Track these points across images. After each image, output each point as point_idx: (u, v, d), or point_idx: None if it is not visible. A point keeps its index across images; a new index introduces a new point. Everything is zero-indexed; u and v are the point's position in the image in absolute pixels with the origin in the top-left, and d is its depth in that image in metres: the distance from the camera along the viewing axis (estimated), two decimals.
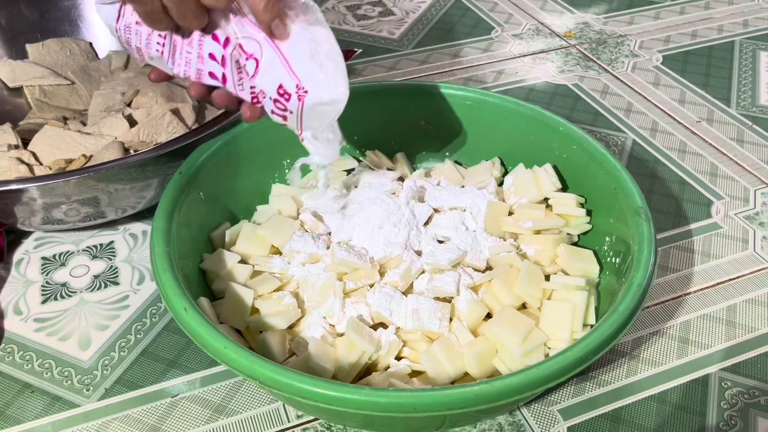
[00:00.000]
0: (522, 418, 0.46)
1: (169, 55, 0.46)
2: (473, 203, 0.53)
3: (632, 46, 0.89)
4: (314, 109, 0.42)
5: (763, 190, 0.65)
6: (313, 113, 0.43)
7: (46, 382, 0.48)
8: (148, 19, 0.41)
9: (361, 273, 0.48)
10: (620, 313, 0.40)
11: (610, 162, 0.51)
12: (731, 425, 0.46)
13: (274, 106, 0.43)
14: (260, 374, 0.36)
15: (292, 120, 0.44)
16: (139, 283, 0.56)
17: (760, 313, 0.53)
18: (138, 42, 0.46)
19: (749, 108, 0.77)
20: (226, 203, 0.55)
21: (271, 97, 0.43)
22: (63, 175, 0.49)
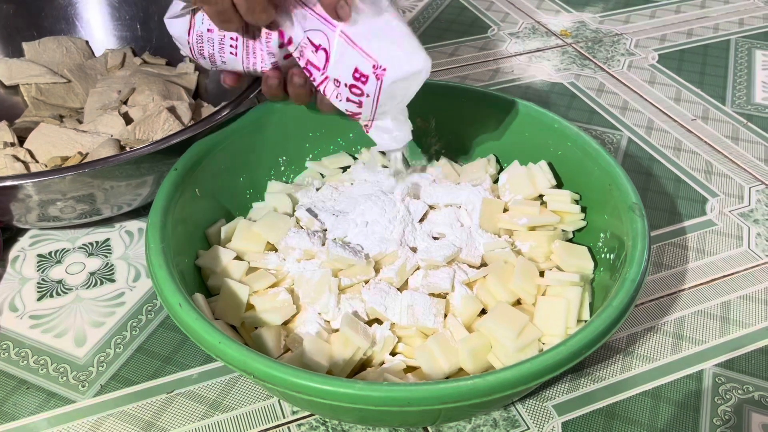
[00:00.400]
0: (516, 414, 0.46)
1: (243, 55, 0.48)
2: (468, 200, 0.53)
3: (628, 45, 0.89)
4: (393, 87, 0.43)
5: (757, 188, 0.65)
6: (391, 92, 0.43)
7: (42, 378, 0.48)
8: (218, 19, 0.43)
9: (356, 269, 0.49)
10: (614, 308, 0.40)
11: (605, 158, 0.51)
12: (725, 420, 0.46)
13: (349, 92, 0.44)
14: (255, 369, 0.37)
15: (367, 105, 0.44)
16: (135, 280, 0.56)
17: (754, 309, 0.53)
18: (211, 48, 0.49)
19: (744, 106, 0.77)
20: (222, 200, 0.55)
21: (346, 84, 0.44)
22: (58, 172, 0.49)
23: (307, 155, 0.61)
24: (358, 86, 0.43)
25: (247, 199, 0.57)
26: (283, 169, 0.59)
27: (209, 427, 0.45)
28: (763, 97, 0.79)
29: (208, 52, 0.49)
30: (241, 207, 0.57)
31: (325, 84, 0.46)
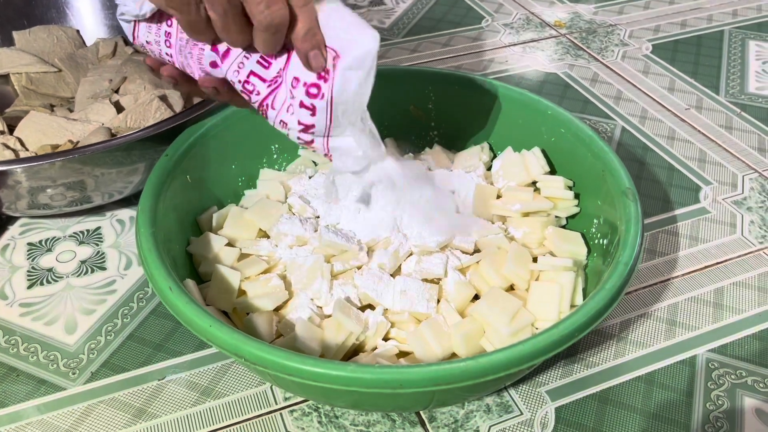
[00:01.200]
0: (510, 399, 0.46)
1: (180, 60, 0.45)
2: (462, 186, 0.53)
3: (622, 36, 0.89)
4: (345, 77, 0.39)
5: (751, 176, 0.65)
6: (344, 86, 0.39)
7: (32, 365, 0.48)
8: (190, 30, 0.40)
9: (348, 255, 0.48)
10: (607, 291, 0.40)
11: (598, 144, 0.51)
12: (718, 405, 0.46)
13: (306, 94, 0.40)
14: (246, 352, 0.36)
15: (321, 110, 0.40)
16: (126, 268, 0.55)
17: (747, 295, 0.53)
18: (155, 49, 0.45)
19: (738, 96, 0.77)
20: (214, 187, 0.54)
21: (305, 83, 0.40)
22: (48, 157, 0.48)
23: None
24: (318, 84, 0.39)
25: (239, 186, 0.57)
26: (275, 157, 0.59)
27: (201, 414, 0.45)
28: (757, 87, 0.79)
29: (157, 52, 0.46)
30: (233, 194, 0.56)
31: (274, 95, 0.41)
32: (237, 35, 0.39)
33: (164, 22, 0.44)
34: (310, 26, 0.38)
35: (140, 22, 0.44)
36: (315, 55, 0.38)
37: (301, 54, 0.39)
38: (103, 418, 0.45)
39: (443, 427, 0.44)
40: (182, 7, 0.38)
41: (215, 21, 0.38)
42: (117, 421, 0.45)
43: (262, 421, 0.45)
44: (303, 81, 0.40)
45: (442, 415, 0.45)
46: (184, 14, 0.38)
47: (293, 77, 0.40)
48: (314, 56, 0.39)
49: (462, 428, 0.44)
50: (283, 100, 0.41)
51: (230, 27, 0.38)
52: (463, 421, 0.45)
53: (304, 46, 0.38)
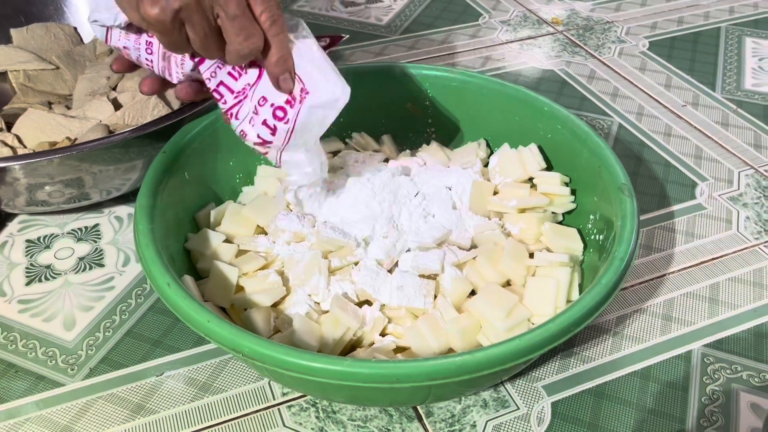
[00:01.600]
0: (506, 394, 0.46)
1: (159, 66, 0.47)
2: (458, 182, 0.53)
3: (619, 33, 0.89)
4: (311, 112, 0.43)
5: (746, 172, 0.66)
6: (308, 118, 0.43)
7: (30, 362, 0.48)
8: (170, 47, 0.42)
9: (345, 251, 0.49)
10: (603, 286, 0.40)
11: (594, 140, 0.51)
12: (713, 399, 0.46)
13: (272, 115, 0.43)
14: (244, 347, 0.36)
15: (281, 132, 0.43)
16: (125, 265, 0.56)
17: (742, 291, 0.54)
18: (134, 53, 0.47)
19: (734, 92, 0.77)
20: (212, 184, 0.55)
21: (273, 104, 0.43)
22: (46, 154, 0.48)
23: None
24: (285, 109, 0.43)
25: (237, 183, 0.57)
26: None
27: (199, 409, 0.45)
28: (753, 84, 0.79)
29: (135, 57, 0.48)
30: (231, 191, 0.56)
31: (239, 106, 0.45)
32: (214, 52, 0.42)
33: (143, 33, 0.46)
34: (282, 54, 0.42)
35: (113, 29, 0.46)
36: (285, 79, 0.43)
37: (272, 77, 0.43)
38: (101, 413, 0.45)
39: (440, 422, 0.45)
40: (165, 30, 0.40)
41: (194, 41, 0.41)
42: (115, 417, 0.45)
43: (260, 417, 0.45)
44: (271, 102, 0.44)
45: (439, 410, 0.45)
46: (165, 35, 0.40)
47: (261, 96, 0.44)
48: (284, 80, 0.43)
49: (459, 423, 0.45)
50: (246, 112, 0.45)
51: (209, 46, 0.41)
52: (459, 415, 0.45)
53: (275, 70, 0.42)
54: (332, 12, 0.94)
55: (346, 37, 0.85)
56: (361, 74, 0.59)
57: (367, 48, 0.85)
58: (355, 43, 0.86)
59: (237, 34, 0.40)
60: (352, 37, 0.87)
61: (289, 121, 0.43)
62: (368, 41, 0.87)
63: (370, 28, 0.90)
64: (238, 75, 0.45)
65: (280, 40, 0.41)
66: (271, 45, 0.41)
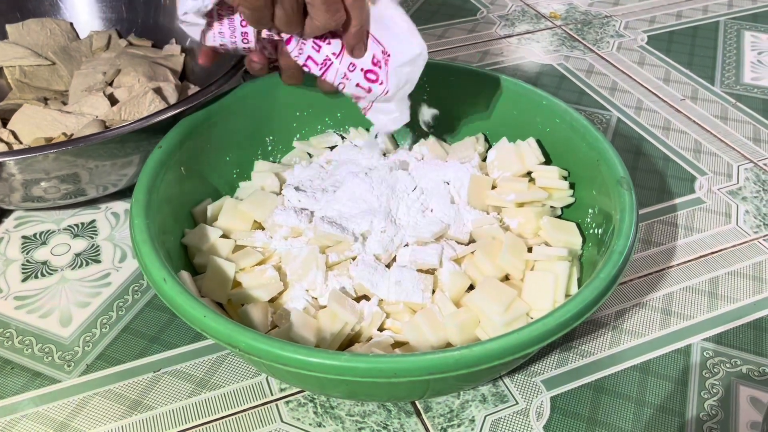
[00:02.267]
0: (505, 389, 0.46)
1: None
2: (456, 177, 0.53)
3: (617, 27, 0.89)
4: (399, 71, 0.46)
5: (746, 166, 0.65)
6: (398, 76, 0.46)
7: (27, 358, 0.48)
8: (255, 22, 0.44)
9: (343, 246, 0.48)
10: (601, 280, 0.40)
11: (593, 134, 0.51)
12: (713, 393, 0.46)
13: (363, 77, 0.47)
14: (240, 342, 0.36)
15: (376, 90, 0.47)
16: (121, 261, 0.55)
17: (742, 284, 0.53)
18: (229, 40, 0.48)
19: (733, 86, 0.77)
20: (208, 179, 0.54)
21: (362, 69, 0.47)
22: (41, 149, 0.48)
23: (295, 135, 0.60)
24: (375, 71, 0.46)
25: (234, 178, 0.57)
26: (270, 149, 0.59)
27: (196, 405, 0.45)
28: (752, 78, 0.79)
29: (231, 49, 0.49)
30: (228, 186, 0.56)
31: (329, 69, 0.47)
32: (296, 27, 0.44)
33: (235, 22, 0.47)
34: (360, 27, 0.44)
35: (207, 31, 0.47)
36: (359, 48, 0.46)
37: (348, 46, 0.46)
38: (98, 410, 0.45)
39: (439, 417, 0.44)
40: (256, 6, 0.42)
41: (280, 17, 0.43)
42: (112, 413, 0.44)
43: (258, 412, 0.45)
44: (360, 66, 0.47)
45: (438, 405, 0.45)
46: (255, 11, 0.42)
47: (350, 62, 0.47)
48: (358, 48, 0.46)
49: (457, 418, 0.44)
50: (333, 77, 0.48)
51: (293, 21, 0.43)
52: (458, 410, 0.45)
53: (352, 41, 0.45)
54: None
55: None
56: None
57: None
58: None
59: (326, 11, 0.42)
60: None
61: (383, 82, 0.47)
62: None
63: None
64: (318, 48, 0.47)
65: (359, 13, 0.43)
66: (350, 16, 0.43)
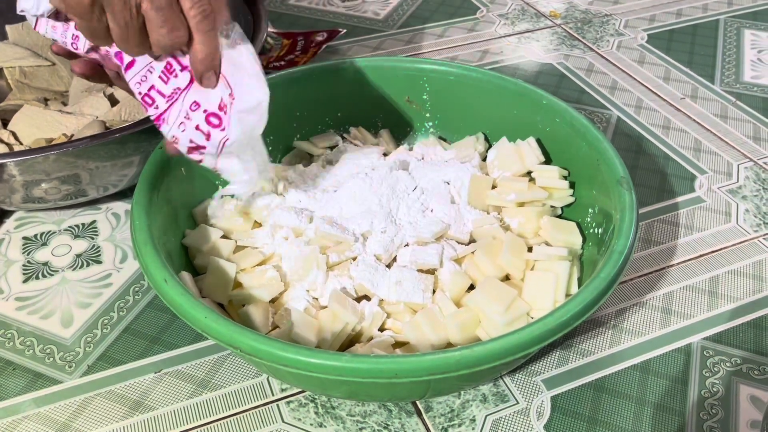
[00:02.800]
0: (506, 388, 0.46)
1: None
2: (457, 177, 0.53)
3: (617, 25, 0.89)
4: (239, 118, 0.41)
5: (746, 165, 0.65)
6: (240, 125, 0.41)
7: (28, 359, 0.48)
8: (89, 35, 0.40)
9: (344, 246, 0.48)
10: (601, 280, 0.40)
11: (593, 134, 0.51)
12: (713, 392, 0.46)
13: (204, 121, 0.41)
14: (241, 343, 0.36)
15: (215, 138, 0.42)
16: (122, 262, 0.55)
17: (742, 283, 0.54)
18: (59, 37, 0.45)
19: (733, 85, 0.77)
20: (209, 180, 0.54)
21: (206, 110, 0.41)
22: (41, 151, 0.48)
23: (295, 135, 0.60)
24: (219, 116, 0.41)
25: None
26: (270, 149, 0.59)
27: (197, 406, 0.45)
28: (752, 76, 0.79)
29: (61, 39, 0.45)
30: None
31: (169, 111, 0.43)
32: (135, 48, 0.39)
33: (69, 24, 0.44)
34: (209, 51, 0.39)
35: (41, 18, 0.44)
36: (208, 77, 0.40)
37: (197, 74, 0.40)
38: (99, 410, 0.45)
39: (439, 417, 0.44)
40: (83, 13, 0.37)
41: (114, 30, 0.38)
42: (114, 414, 0.45)
43: (259, 413, 0.45)
44: (204, 108, 0.41)
45: (439, 405, 0.45)
46: (84, 20, 0.38)
47: (193, 101, 0.41)
48: (207, 78, 0.40)
49: (458, 417, 0.44)
50: (176, 116, 0.42)
51: (129, 39, 0.38)
52: (459, 410, 0.45)
53: (200, 67, 0.40)
54: (330, 6, 0.94)
55: (344, 32, 0.84)
56: (359, 68, 0.59)
57: (365, 42, 0.85)
58: (352, 37, 0.86)
59: (161, 26, 0.37)
60: (350, 32, 0.87)
61: (225, 128, 0.41)
62: (366, 35, 0.86)
63: (367, 22, 0.90)
64: (166, 78, 0.42)
65: (207, 37, 0.39)
66: (196, 41, 0.39)
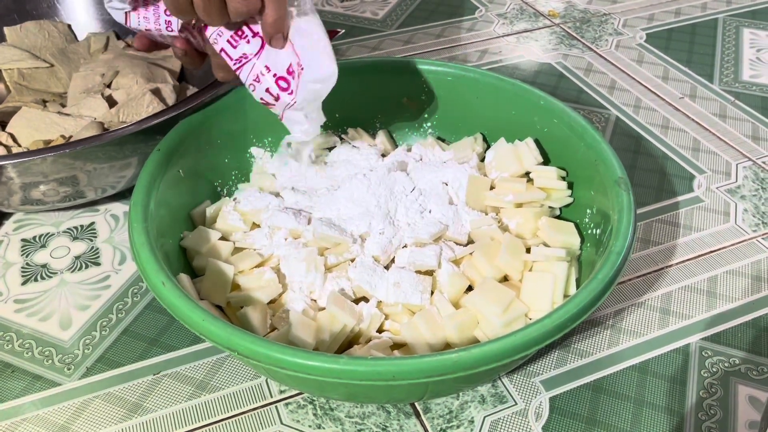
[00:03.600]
0: (504, 389, 0.46)
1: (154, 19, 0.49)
2: (455, 178, 0.53)
3: (616, 25, 0.89)
4: (308, 86, 0.45)
5: (744, 164, 0.65)
6: (306, 91, 0.46)
7: (27, 361, 0.48)
8: (175, 10, 0.44)
9: (342, 248, 0.48)
10: (599, 281, 0.40)
11: (591, 134, 0.51)
12: (711, 393, 0.46)
13: (274, 83, 0.46)
14: (239, 346, 0.36)
15: (284, 99, 0.46)
16: (121, 264, 0.55)
17: (740, 283, 0.54)
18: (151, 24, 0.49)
19: (732, 84, 0.77)
20: (207, 181, 0.54)
21: (275, 74, 0.46)
22: (39, 153, 0.48)
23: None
24: (287, 80, 0.46)
25: (232, 180, 0.57)
26: (268, 150, 0.59)
27: (196, 408, 0.45)
28: (751, 75, 0.79)
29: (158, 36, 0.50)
30: (227, 188, 0.56)
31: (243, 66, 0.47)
32: (216, 18, 0.44)
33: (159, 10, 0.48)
34: (278, 16, 0.44)
35: (130, 13, 0.47)
36: (277, 39, 0.45)
37: (266, 36, 0.45)
38: (98, 413, 0.45)
39: (438, 418, 0.45)
40: None
41: (198, 5, 0.43)
42: (112, 416, 0.45)
43: (258, 415, 0.45)
44: (274, 72, 0.46)
45: (437, 406, 0.45)
46: None
47: (265, 65, 0.46)
48: (276, 39, 0.45)
49: (456, 419, 0.44)
50: (245, 77, 0.47)
51: (211, 11, 0.43)
52: (457, 411, 0.45)
53: (270, 30, 0.44)
54: (328, 6, 0.94)
55: (342, 32, 0.84)
56: (356, 69, 0.59)
57: (363, 43, 0.85)
58: (350, 37, 0.86)
59: None
60: (348, 32, 0.87)
61: (292, 92, 0.46)
62: (364, 36, 0.86)
63: (365, 22, 0.90)
64: (235, 44, 0.46)
65: (277, 4, 0.43)
66: (267, 7, 0.43)
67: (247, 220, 0.51)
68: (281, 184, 0.55)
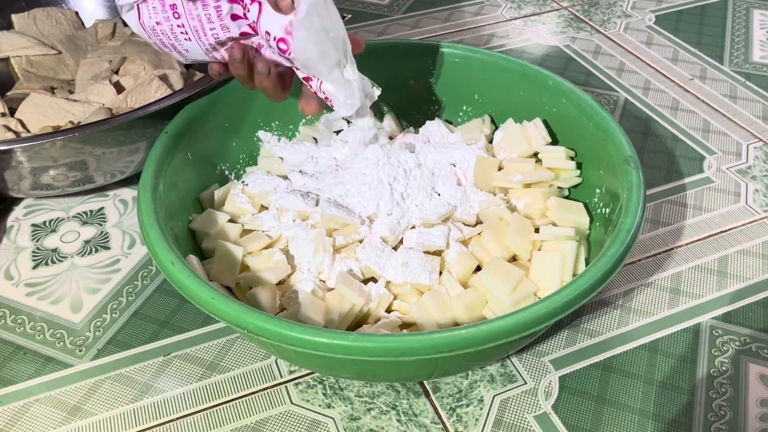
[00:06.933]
0: (513, 369, 0.46)
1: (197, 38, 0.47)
2: (463, 159, 0.53)
3: (625, 7, 0.88)
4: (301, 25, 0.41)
5: (755, 145, 0.65)
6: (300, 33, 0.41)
7: (39, 344, 0.48)
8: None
9: (350, 229, 0.48)
10: (609, 258, 0.39)
11: (599, 113, 0.50)
12: (722, 371, 0.46)
13: (278, 49, 0.43)
14: (248, 323, 0.36)
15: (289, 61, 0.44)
16: (130, 247, 0.56)
17: (752, 263, 0.53)
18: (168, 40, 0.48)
19: (742, 65, 0.76)
20: (215, 164, 0.54)
21: (275, 37, 0.43)
22: (48, 136, 0.48)
23: (300, 120, 0.60)
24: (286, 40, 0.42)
25: (240, 163, 0.57)
26: (276, 134, 0.59)
27: (207, 388, 0.45)
28: (761, 56, 0.78)
29: (169, 43, 0.48)
30: (235, 171, 0.56)
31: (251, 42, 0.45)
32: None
33: None
34: None
35: (141, 5, 0.46)
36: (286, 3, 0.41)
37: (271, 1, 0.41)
38: (110, 393, 0.45)
39: (447, 397, 0.45)
40: None
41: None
42: (124, 397, 0.45)
43: (268, 394, 0.45)
44: (273, 35, 0.43)
45: (446, 385, 0.45)
46: None
47: (265, 30, 0.43)
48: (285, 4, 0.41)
49: (466, 398, 0.45)
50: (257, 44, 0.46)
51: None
52: (467, 390, 0.45)
53: None
54: None
55: (349, 17, 0.84)
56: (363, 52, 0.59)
57: (370, 28, 0.85)
58: (357, 23, 0.86)
59: None
60: (355, 17, 0.87)
61: (290, 53, 0.43)
62: (370, 21, 0.86)
63: (372, 7, 0.89)
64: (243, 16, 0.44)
65: None
66: None
67: (255, 203, 0.52)
68: (292, 163, 0.55)
